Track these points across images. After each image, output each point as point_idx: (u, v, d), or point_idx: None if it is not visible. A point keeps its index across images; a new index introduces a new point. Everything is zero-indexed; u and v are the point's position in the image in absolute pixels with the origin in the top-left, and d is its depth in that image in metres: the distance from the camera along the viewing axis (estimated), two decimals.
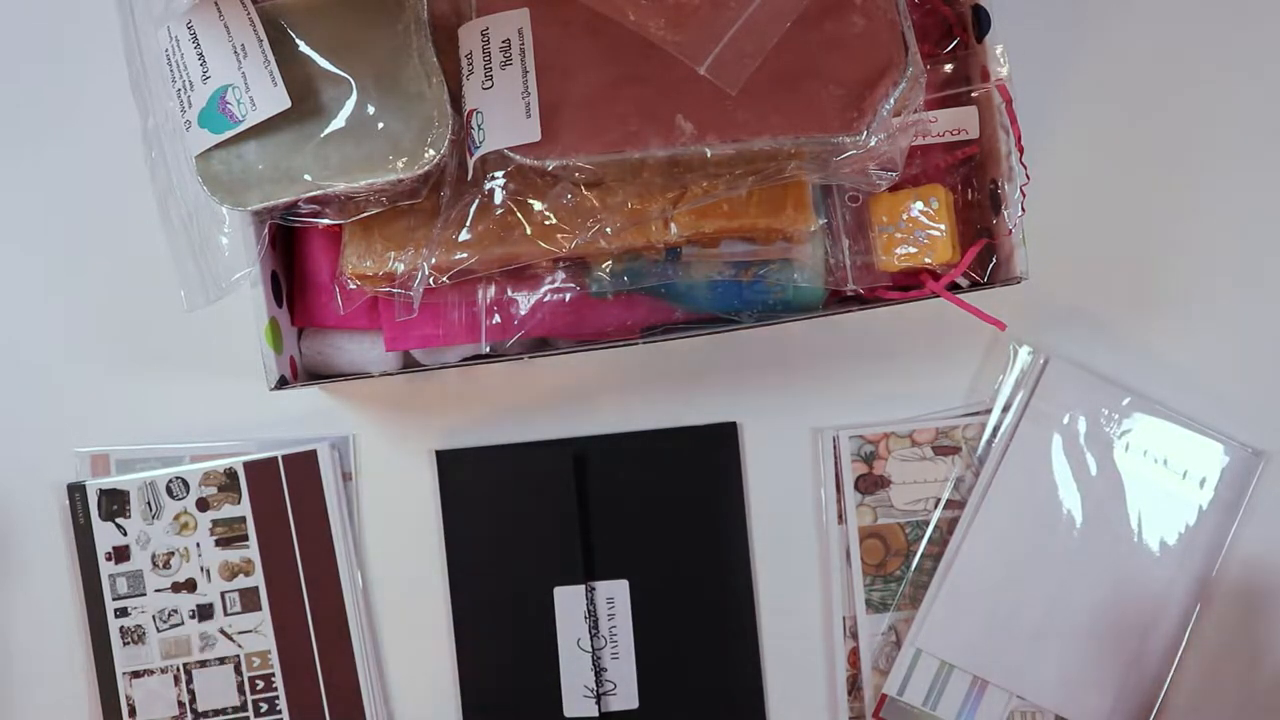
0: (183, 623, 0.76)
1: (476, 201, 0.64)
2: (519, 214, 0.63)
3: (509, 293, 0.68)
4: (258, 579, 0.76)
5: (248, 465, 0.76)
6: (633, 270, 0.67)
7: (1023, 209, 0.66)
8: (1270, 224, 0.75)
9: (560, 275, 0.68)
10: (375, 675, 0.76)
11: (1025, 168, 0.66)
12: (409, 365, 0.73)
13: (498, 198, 0.63)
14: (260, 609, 0.76)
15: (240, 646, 0.76)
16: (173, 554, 0.76)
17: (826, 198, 0.69)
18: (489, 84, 0.62)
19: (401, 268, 0.65)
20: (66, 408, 0.77)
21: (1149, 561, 0.73)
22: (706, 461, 0.76)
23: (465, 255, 0.64)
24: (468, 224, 0.64)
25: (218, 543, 0.76)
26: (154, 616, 0.76)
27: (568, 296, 0.68)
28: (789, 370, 0.76)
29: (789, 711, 0.75)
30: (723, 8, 0.61)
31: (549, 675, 0.75)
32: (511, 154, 0.61)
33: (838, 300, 0.71)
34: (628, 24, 0.61)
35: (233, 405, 0.76)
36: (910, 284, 0.69)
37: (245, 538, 0.76)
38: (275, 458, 0.76)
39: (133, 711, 0.76)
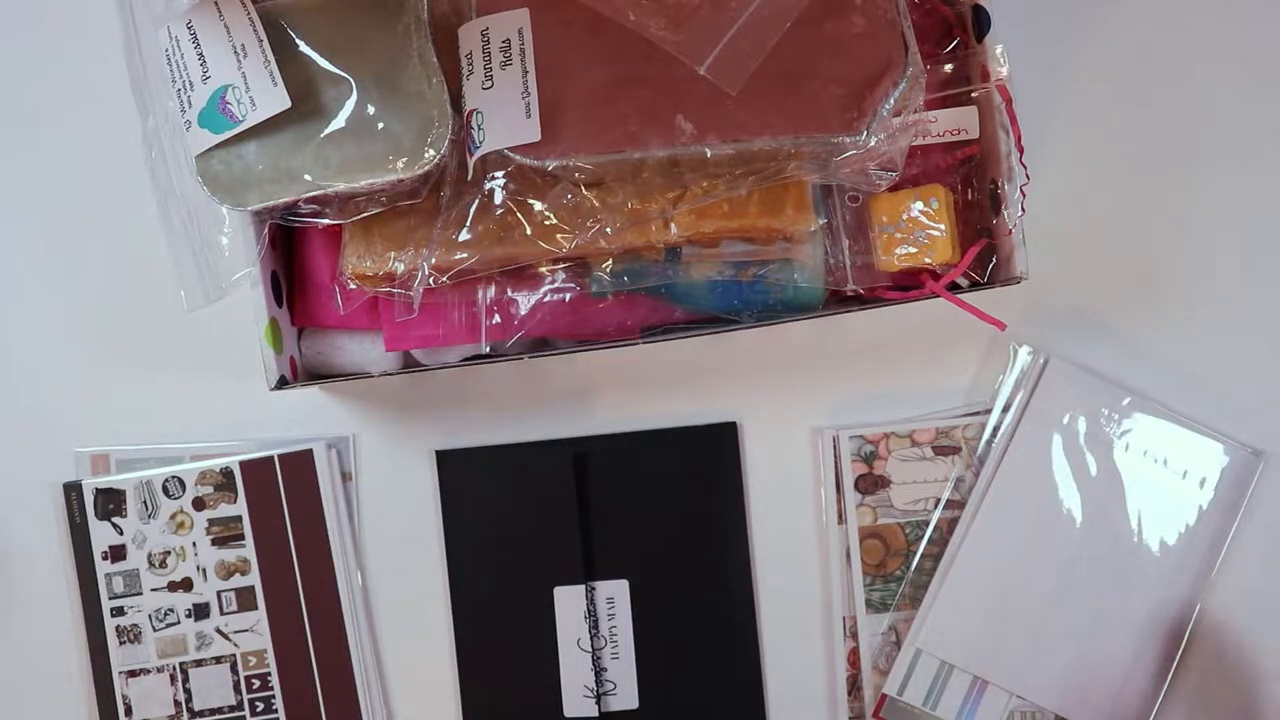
0: (179, 622, 0.76)
1: (476, 201, 0.64)
2: (519, 214, 0.63)
3: (509, 293, 0.68)
4: (254, 578, 0.76)
5: (244, 465, 0.75)
6: (633, 270, 0.67)
7: (1023, 209, 0.66)
8: (1270, 224, 0.76)
9: (560, 275, 0.68)
10: (373, 674, 0.76)
11: (1025, 168, 0.66)
12: (409, 365, 0.73)
13: (498, 198, 0.63)
14: (256, 608, 0.76)
15: (236, 646, 0.76)
16: (169, 553, 0.76)
17: (826, 198, 0.69)
18: (489, 84, 0.62)
19: (401, 268, 0.65)
20: (66, 408, 0.77)
21: (1149, 561, 0.73)
22: (706, 461, 0.76)
23: (465, 255, 0.64)
24: (468, 224, 0.64)
25: (214, 542, 0.76)
26: (150, 615, 0.76)
27: (568, 296, 0.68)
28: (789, 370, 0.76)
29: (789, 711, 0.75)
30: (723, 8, 0.61)
31: (549, 675, 0.75)
32: (511, 154, 0.61)
33: (838, 300, 0.70)
34: (628, 24, 0.61)
35: (233, 405, 0.76)
36: (910, 284, 0.69)
37: (241, 537, 0.76)
38: (271, 457, 0.75)
39: (129, 711, 0.76)
